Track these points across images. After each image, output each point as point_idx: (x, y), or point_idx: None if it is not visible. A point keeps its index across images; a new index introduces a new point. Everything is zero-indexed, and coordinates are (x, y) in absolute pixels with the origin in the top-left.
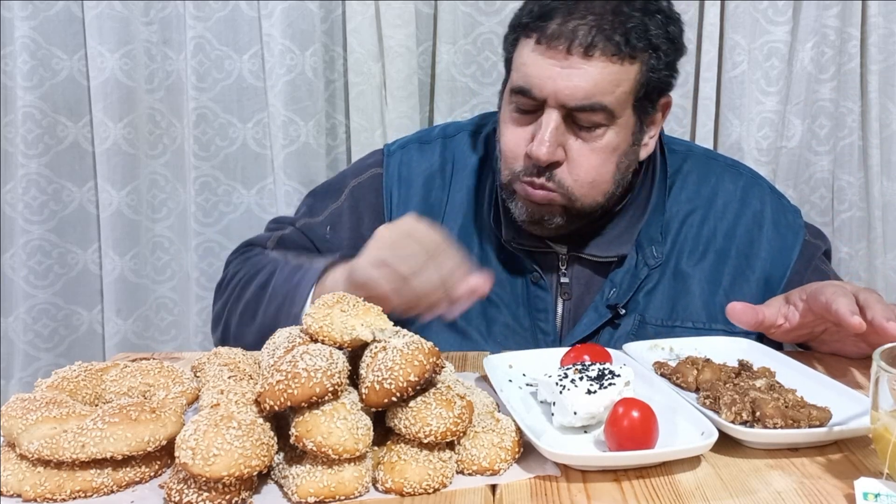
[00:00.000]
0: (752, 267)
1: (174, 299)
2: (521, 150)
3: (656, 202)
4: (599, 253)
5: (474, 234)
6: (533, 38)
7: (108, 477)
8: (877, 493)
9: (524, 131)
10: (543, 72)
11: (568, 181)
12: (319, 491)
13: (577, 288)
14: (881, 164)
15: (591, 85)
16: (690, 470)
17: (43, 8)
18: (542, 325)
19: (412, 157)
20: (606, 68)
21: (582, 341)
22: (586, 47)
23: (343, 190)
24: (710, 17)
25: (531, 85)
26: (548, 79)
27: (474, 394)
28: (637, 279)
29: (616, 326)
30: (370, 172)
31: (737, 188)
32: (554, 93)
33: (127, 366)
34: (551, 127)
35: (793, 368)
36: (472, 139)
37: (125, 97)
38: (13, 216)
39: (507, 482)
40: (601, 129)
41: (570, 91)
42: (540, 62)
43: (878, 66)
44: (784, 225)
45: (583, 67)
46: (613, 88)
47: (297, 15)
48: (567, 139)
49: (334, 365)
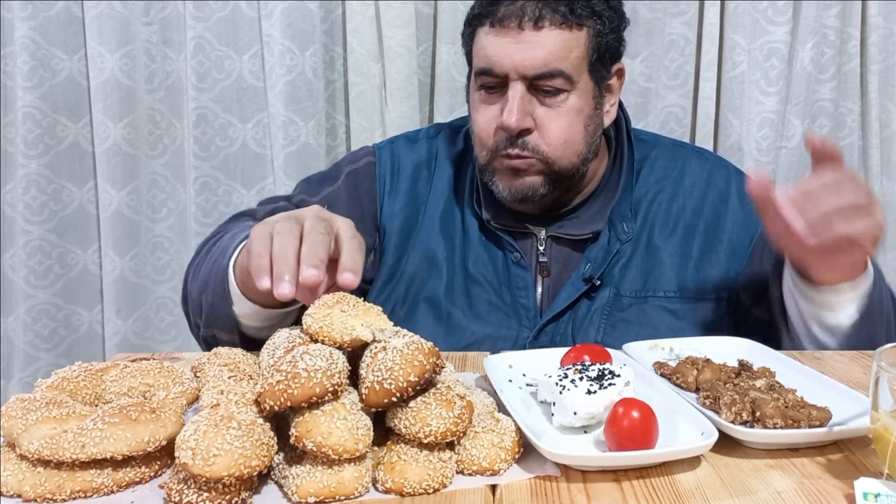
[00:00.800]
0: (720, 238)
1: (174, 299)
2: (492, 127)
3: (625, 185)
4: (575, 231)
5: (458, 217)
6: (487, 24)
7: (108, 477)
8: (877, 493)
9: (493, 109)
10: (501, 49)
11: (542, 146)
12: (319, 491)
13: (555, 266)
14: (881, 164)
15: (546, 53)
16: (690, 470)
17: (43, 8)
18: (523, 302)
19: (401, 150)
20: (558, 36)
21: (561, 314)
22: (535, 20)
23: (339, 176)
24: (710, 17)
25: (492, 64)
26: (506, 55)
27: (474, 394)
28: (610, 253)
29: (592, 299)
30: (365, 160)
31: (703, 170)
32: (513, 66)
33: (127, 366)
34: (517, 97)
35: (793, 368)
36: (454, 135)
37: (125, 97)
38: (13, 216)
39: (507, 482)
40: (563, 95)
41: (528, 62)
42: (496, 42)
43: (878, 66)
44: (749, 199)
45: (535, 39)
46: (567, 54)
47: (297, 15)
48: (534, 108)
49: (334, 365)
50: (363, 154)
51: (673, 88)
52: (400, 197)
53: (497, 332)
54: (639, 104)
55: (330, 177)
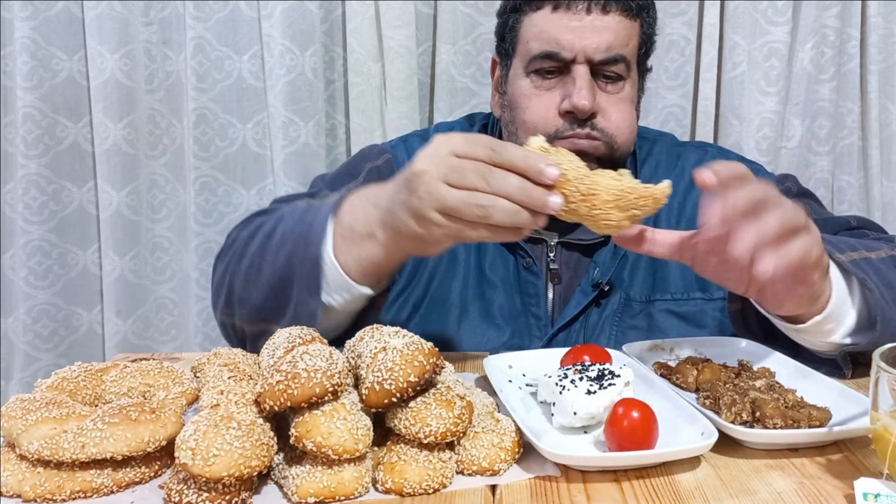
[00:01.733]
0: None
1: (174, 300)
2: (551, 114)
3: None
4: (585, 236)
5: None
6: (547, 7)
7: (107, 477)
8: (877, 493)
9: (549, 96)
10: (568, 32)
11: (609, 128)
12: (319, 491)
13: (565, 272)
14: (881, 164)
15: (614, 37)
16: (690, 470)
17: (43, 8)
18: (534, 310)
19: (416, 148)
20: (622, 23)
21: (572, 321)
22: (603, 5)
23: (359, 173)
24: (709, 17)
25: (559, 46)
26: (575, 37)
27: (474, 394)
28: (617, 256)
29: (603, 305)
30: (384, 157)
31: (702, 161)
32: (582, 49)
33: (127, 366)
34: (587, 78)
35: (793, 368)
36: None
37: (125, 98)
38: (13, 216)
39: (507, 482)
40: (622, 83)
41: (597, 44)
42: (562, 24)
43: (878, 66)
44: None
45: (602, 23)
46: (628, 41)
47: (296, 15)
48: (596, 93)
49: (334, 365)
50: (379, 151)
51: (673, 88)
52: None
53: (511, 342)
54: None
55: (348, 173)
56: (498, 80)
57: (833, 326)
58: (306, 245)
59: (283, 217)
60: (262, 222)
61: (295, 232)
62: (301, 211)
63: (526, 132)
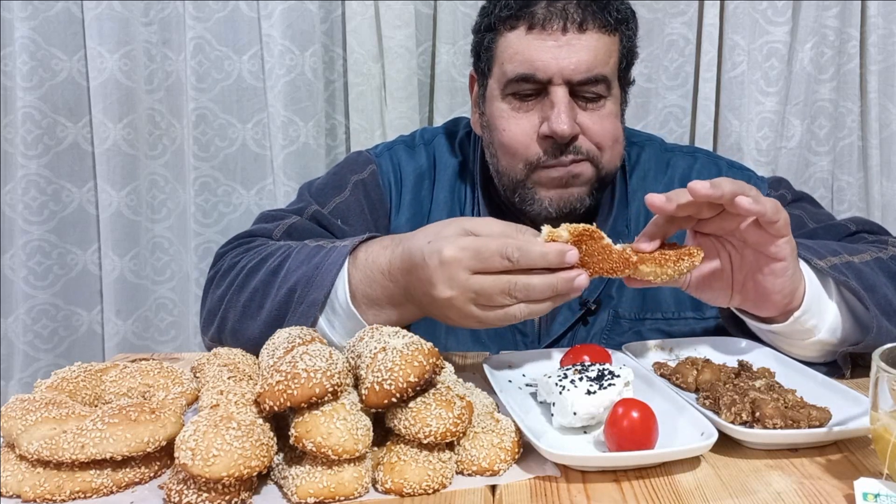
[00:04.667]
0: None
1: (174, 300)
2: (530, 138)
3: (620, 195)
4: None
5: None
6: (522, 27)
7: (107, 478)
8: (876, 493)
9: (528, 119)
10: (544, 53)
11: (592, 148)
12: (319, 491)
13: None
14: (881, 164)
15: (593, 56)
16: (690, 470)
17: (43, 8)
18: (521, 328)
19: (402, 157)
20: (600, 40)
21: (558, 339)
22: (580, 23)
23: (345, 186)
24: (709, 17)
25: (534, 68)
26: (551, 59)
27: (474, 394)
28: None
29: (590, 323)
30: (369, 169)
31: (691, 168)
32: (559, 70)
33: (126, 366)
34: (565, 101)
35: (793, 368)
36: (449, 143)
37: (125, 98)
38: (13, 217)
39: (507, 483)
40: (602, 101)
41: (575, 65)
42: (538, 45)
43: (878, 66)
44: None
45: (580, 42)
46: (607, 59)
47: (296, 15)
48: (576, 113)
49: (334, 366)
50: (364, 161)
51: (673, 88)
52: (404, 209)
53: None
54: (638, 104)
55: (335, 185)
56: (476, 97)
57: (816, 322)
58: (308, 288)
59: (290, 254)
60: (266, 252)
61: (301, 271)
62: (309, 250)
63: (505, 155)
